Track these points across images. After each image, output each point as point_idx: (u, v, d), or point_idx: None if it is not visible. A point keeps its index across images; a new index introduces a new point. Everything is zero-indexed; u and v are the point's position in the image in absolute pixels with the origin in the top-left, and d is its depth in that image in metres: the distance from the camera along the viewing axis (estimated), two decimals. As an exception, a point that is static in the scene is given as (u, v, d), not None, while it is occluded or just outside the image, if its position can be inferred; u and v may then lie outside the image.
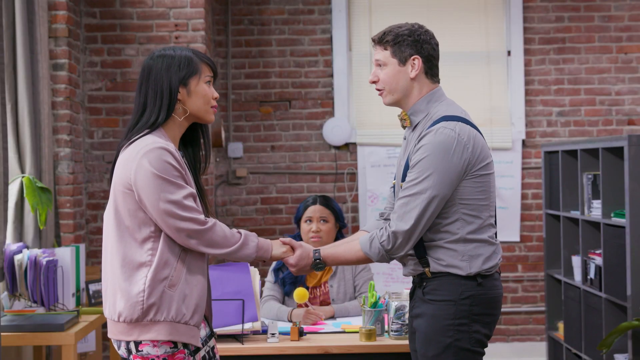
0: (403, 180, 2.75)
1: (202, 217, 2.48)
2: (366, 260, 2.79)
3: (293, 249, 2.82)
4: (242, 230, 2.60)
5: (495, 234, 2.80)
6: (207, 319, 2.66)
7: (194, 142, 2.69)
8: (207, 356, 2.60)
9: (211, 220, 2.51)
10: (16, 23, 4.28)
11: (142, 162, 2.43)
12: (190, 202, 2.46)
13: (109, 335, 2.54)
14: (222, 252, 2.52)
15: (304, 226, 3.90)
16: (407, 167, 2.74)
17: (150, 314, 2.43)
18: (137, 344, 2.45)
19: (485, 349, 2.77)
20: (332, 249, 2.87)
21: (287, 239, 2.82)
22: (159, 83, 2.53)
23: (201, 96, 2.57)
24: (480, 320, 2.72)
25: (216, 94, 2.62)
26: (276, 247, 2.75)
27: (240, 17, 6.20)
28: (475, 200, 2.71)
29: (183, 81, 2.54)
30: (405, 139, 2.87)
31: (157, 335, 2.43)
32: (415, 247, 2.75)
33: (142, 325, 2.44)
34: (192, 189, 2.50)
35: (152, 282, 2.42)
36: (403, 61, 2.78)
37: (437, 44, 2.83)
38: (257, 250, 2.59)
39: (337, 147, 6.19)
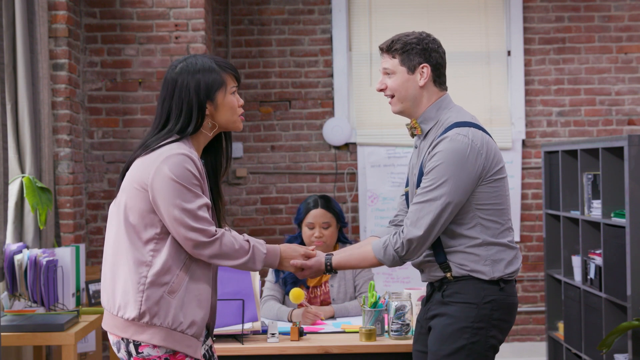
0: (419, 186, 2.75)
1: (212, 228, 2.45)
2: (379, 265, 2.82)
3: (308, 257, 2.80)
4: (250, 240, 2.55)
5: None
6: (208, 325, 2.64)
7: (215, 147, 2.64)
8: (206, 355, 2.60)
9: (220, 232, 2.48)
10: (16, 23, 4.28)
11: (162, 166, 2.41)
12: (203, 213, 2.43)
13: (103, 326, 2.51)
14: (228, 264, 2.50)
15: (306, 231, 3.89)
16: (421, 174, 2.75)
17: (146, 317, 2.41)
18: (137, 345, 2.44)
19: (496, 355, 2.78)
20: (345, 258, 2.86)
21: (303, 251, 2.77)
22: (185, 99, 2.49)
23: (229, 108, 2.54)
24: (498, 325, 2.72)
25: (241, 101, 2.59)
26: (286, 264, 2.70)
27: (240, 17, 6.20)
28: (491, 205, 2.72)
29: (210, 97, 2.51)
30: (416, 147, 2.88)
31: (150, 339, 2.41)
32: (435, 254, 2.76)
33: (138, 326, 2.42)
34: (207, 200, 2.47)
35: (152, 286, 2.41)
36: (412, 69, 2.79)
37: (444, 52, 2.85)
38: (264, 265, 2.58)
39: (337, 147, 6.19)
